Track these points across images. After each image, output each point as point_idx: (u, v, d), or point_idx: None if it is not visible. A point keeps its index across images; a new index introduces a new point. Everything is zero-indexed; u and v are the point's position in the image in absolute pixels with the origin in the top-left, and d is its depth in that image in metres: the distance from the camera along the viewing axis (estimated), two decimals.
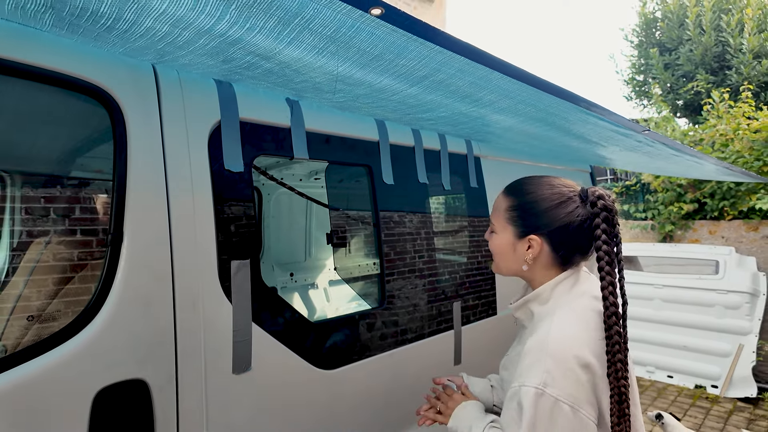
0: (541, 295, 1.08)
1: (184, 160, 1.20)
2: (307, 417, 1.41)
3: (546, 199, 1.06)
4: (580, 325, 0.98)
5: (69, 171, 1.28)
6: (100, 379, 1.03)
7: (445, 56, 0.93)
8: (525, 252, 1.08)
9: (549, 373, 0.93)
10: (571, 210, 1.03)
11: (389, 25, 0.79)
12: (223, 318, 1.23)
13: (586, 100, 1.23)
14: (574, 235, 1.03)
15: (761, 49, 7.48)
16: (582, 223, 1.02)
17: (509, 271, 1.15)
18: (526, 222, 1.08)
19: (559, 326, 0.97)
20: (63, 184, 1.26)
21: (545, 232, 1.05)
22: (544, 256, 1.07)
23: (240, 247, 1.28)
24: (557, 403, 0.91)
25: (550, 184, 1.09)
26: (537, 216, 1.06)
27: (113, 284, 1.07)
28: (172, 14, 0.77)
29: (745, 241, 5.07)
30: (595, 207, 1.00)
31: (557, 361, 0.93)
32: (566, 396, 0.92)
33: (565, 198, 1.05)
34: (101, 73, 1.06)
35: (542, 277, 1.10)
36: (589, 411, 0.93)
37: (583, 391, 0.93)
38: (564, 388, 0.92)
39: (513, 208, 1.11)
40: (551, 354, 0.94)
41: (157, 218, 1.14)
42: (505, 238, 1.12)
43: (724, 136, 5.63)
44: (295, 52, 0.92)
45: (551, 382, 0.92)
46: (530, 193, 1.09)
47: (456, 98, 1.22)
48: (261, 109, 1.36)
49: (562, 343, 0.94)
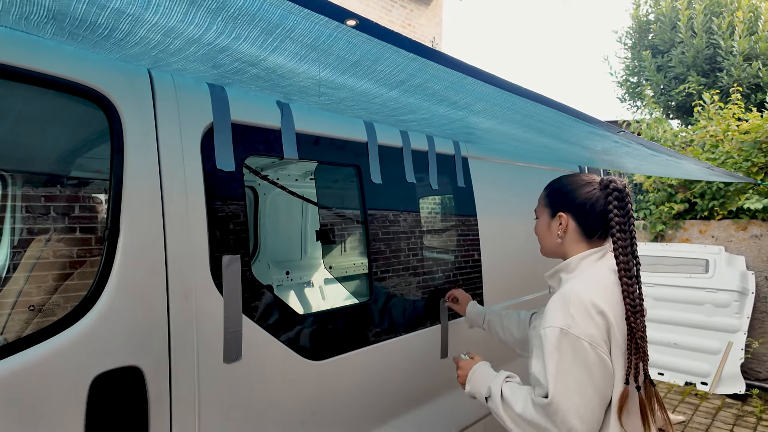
0: (570, 265, 1.34)
1: (177, 160, 1.26)
2: (296, 404, 1.48)
3: (570, 184, 1.37)
4: (597, 284, 1.22)
5: (68, 170, 1.34)
6: (97, 365, 1.09)
7: (419, 63, 1.00)
8: (557, 227, 1.37)
9: (571, 316, 1.16)
10: (589, 191, 1.32)
11: (364, 35, 0.86)
12: (215, 310, 1.29)
13: (558, 103, 1.30)
14: (593, 211, 1.31)
15: (751, 51, 7.57)
16: (597, 201, 1.30)
17: (550, 248, 1.42)
18: (556, 203, 1.38)
19: (580, 283, 1.23)
20: (63, 183, 1.32)
21: (570, 208, 1.34)
22: (572, 231, 1.35)
23: (231, 242, 1.35)
24: (578, 340, 1.13)
25: (575, 175, 1.41)
26: (563, 197, 1.36)
27: (110, 277, 1.14)
28: (163, 25, 0.83)
29: (734, 240, 5.15)
30: (608, 188, 1.30)
31: (577, 307, 1.16)
32: (586, 335, 1.14)
33: (585, 182, 1.36)
34: (99, 77, 1.13)
35: (572, 251, 1.36)
36: (604, 349, 1.15)
37: (599, 333, 1.15)
38: (584, 329, 1.14)
39: (547, 195, 1.44)
40: (573, 302, 1.17)
41: (151, 215, 1.20)
42: (543, 220, 1.44)
43: (714, 137, 5.70)
44: (279, 58, 0.99)
45: (573, 323, 1.15)
46: (559, 183, 1.42)
47: (434, 101, 1.29)
48: (252, 111, 1.42)
49: (582, 294, 1.18)
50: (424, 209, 2.12)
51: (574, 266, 1.32)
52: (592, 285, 1.22)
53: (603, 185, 1.31)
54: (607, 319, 1.16)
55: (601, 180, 1.33)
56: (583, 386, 1.13)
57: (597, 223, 1.31)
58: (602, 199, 1.29)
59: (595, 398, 1.14)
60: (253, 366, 1.37)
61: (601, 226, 1.31)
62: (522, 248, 2.59)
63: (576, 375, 1.13)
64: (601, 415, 1.16)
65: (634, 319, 1.16)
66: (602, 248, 1.33)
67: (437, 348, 2.01)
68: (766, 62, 7.56)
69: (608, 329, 1.16)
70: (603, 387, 1.15)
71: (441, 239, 2.24)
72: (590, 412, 1.13)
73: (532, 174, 2.74)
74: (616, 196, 1.27)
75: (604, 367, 1.14)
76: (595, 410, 1.14)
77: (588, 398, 1.13)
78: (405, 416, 1.88)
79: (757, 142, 5.12)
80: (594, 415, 1.14)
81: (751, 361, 4.87)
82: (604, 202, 1.29)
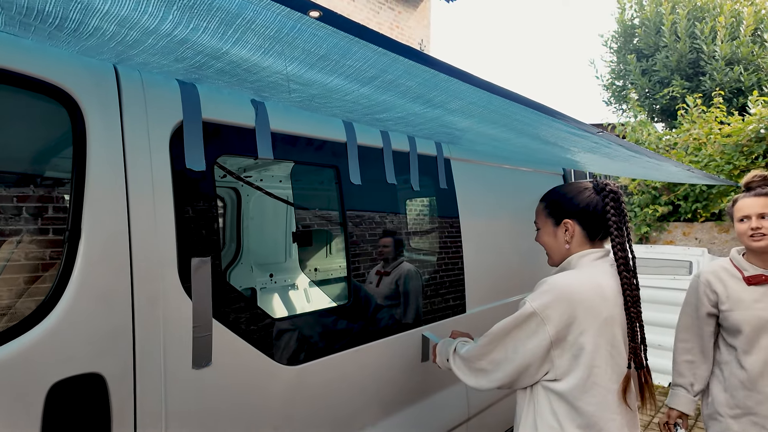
0: (571, 263, 1.42)
1: (144, 159, 1.22)
2: (269, 410, 1.44)
3: (569, 192, 1.45)
4: (585, 279, 1.32)
5: (28, 170, 1.29)
6: (55, 372, 1.05)
7: (389, 58, 0.97)
8: (564, 234, 1.44)
9: (540, 294, 1.29)
10: (588, 195, 1.41)
11: (329, 27, 0.83)
12: (183, 314, 1.25)
13: (533, 101, 1.29)
14: (594, 214, 1.39)
15: (733, 56, 7.70)
16: (597, 204, 1.39)
17: (559, 256, 1.47)
18: (559, 211, 1.45)
19: (567, 276, 1.34)
20: (22, 183, 1.27)
21: (574, 214, 1.41)
22: (578, 235, 1.42)
23: (201, 244, 1.30)
24: (534, 313, 1.27)
25: (570, 184, 1.48)
26: (565, 205, 1.44)
27: (70, 279, 1.09)
28: (115, 14, 0.80)
29: (717, 242, 5.21)
30: (603, 192, 1.39)
31: (550, 289, 1.29)
32: (541, 310, 1.26)
33: (582, 189, 1.44)
34: (60, 73, 1.09)
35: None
36: (551, 329, 1.26)
37: (557, 316, 1.26)
38: (541, 304, 1.27)
39: (548, 206, 1.49)
40: (548, 283, 1.31)
41: (116, 216, 1.16)
42: (547, 230, 1.49)
43: (697, 140, 5.78)
44: (242, 51, 0.96)
45: (537, 298, 1.29)
46: (557, 192, 1.49)
47: (408, 99, 1.26)
48: (225, 109, 1.39)
49: (558, 281, 1.31)
50: (405, 211, 2.10)
51: (574, 264, 1.41)
52: (579, 279, 1.32)
53: (598, 189, 1.41)
54: (575, 310, 1.26)
55: (595, 185, 1.43)
56: (511, 344, 1.31)
57: (599, 225, 1.40)
58: (600, 202, 1.39)
59: (516, 359, 1.30)
60: (224, 372, 1.32)
61: (603, 227, 1.41)
62: (505, 250, 2.57)
63: (513, 335, 1.31)
64: (515, 374, 1.32)
65: (634, 309, 1.29)
66: (603, 249, 1.44)
67: (418, 351, 1.98)
68: (748, 67, 7.69)
69: (572, 317, 1.26)
70: (530, 354, 1.29)
71: (422, 241, 2.21)
72: (508, 363, 1.32)
73: (515, 176, 2.73)
74: (612, 198, 1.38)
75: (540, 340, 1.27)
76: (514, 364, 1.31)
77: (510, 352, 1.31)
78: (385, 421, 1.85)
79: (739, 145, 5.19)
80: (509, 367, 1.32)
81: None
82: (602, 205, 1.38)
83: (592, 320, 1.26)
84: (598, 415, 1.25)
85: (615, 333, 1.30)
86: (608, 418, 1.25)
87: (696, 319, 1.92)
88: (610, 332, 1.29)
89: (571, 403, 1.26)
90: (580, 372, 1.25)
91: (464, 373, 1.48)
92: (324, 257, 3.80)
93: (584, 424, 1.25)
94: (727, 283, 1.84)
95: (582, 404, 1.25)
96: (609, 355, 1.27)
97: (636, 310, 1.30)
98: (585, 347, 1.25)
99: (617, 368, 1.29)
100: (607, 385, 1.26)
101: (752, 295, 1.77)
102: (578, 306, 1.26)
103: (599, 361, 1.26)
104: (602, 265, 1.38)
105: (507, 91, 1.19)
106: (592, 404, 1.25)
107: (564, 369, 1.27)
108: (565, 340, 1.26)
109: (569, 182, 1.50)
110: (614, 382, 1.28)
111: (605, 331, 1.27)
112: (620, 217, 1.37)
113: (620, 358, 1.30)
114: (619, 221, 1.37)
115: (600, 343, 1.26)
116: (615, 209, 1.37)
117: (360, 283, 1.80)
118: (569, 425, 1.25)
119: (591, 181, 1.46)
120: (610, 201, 1.37)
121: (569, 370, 1.26)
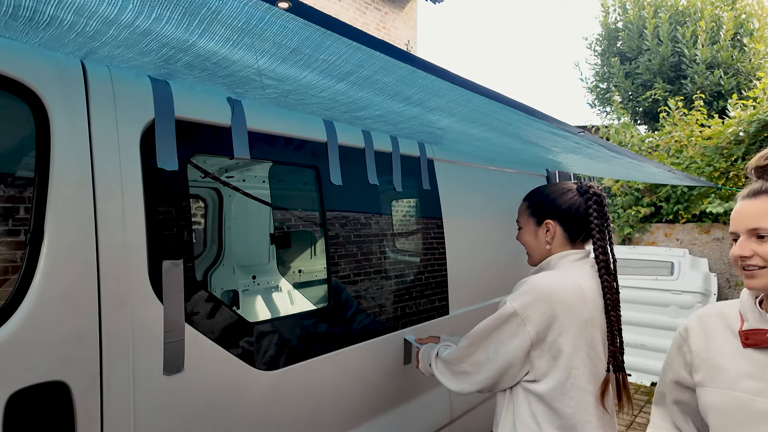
0: (550, 263, 1.41)
1: (113, 158, 1.18)
2: (245, 417, 1.39)
3: (552, 193, 1.44)
4: (564, 279, 1.31)
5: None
6: (15, 380, 0.99)
7: (364, 53, 0.95)
8: (545, 235, 1.43)
9: (520, 295, 1.28)
10: (571, 197, 1.40)
11: (300, 19, 0.80)
12: (154, 318, 1.20)
13: (512, 100, 1.27)
14: (576, 216, 1.39)
15: (713, 60, 7.84)
16: (580, 206, 1.39)
17: (539, 255, 1.46)
18: (542, 212, 1.44)
19: (547, 276, 1.34)
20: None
21: (556, 215, 1.41)
22: (559, 236, 1.41)
23: (173, 246, 1.26)
24: (514, 313, 1.26)
25: (554, 185, 1.47)
26: (548, 205, 1.43)
27: (32, 283, 1.04)
28: (71, 2, 0.76)
29: (698, 243, 5.28)
30: (587, 194, 1.39)
31: (530, 290, 1.27)
32: (522, 310, 1.25)
33: (565, 190, 1.43)
34: (22, 67, 1.03)
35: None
36: (531, 329, 1.25)
37: (537, 316, 1.24)
38: (521, 304, 1.26)
39: (531, 205, 1.48)
40: (528, 284, 1.30)
41: (81, 216, 1.11)
42: (529, 229, 1.48)
43: (678, 142, 5.86)
44: (209, 44, 0.92)
45: (517, 299, 1.27)
46: (540, 192, 1.48)
47: (386, 96, 1.24)
48: (200, 107, 1.34)
49: (538, 282, 1.30)
50: (388, 212, 2.07)
51: (554, 264, 1.40)
52: (559, 279, 1.31)
53: (582, 191, 1.41)
54: (555, 310, 1.25)
55: (579, 187, 1.43)
56: (492, 345, 1.30)
57: (580, 227, 1.40)
58: (583, 205, 1.39)
59: (498, 361, 1.29)
60: (197, 377, 1.28)
61: (584, 229, 1.41)
62: (488, 251, 2.56)
63: (494, 336, 1.30)
64: (497, 376, 1.30)
65: (614, 313, 1.29)
66: (583, 251, 1.43)
67: (400, 354, 1.95)
68: (727, 70, 7.84)
69: (552, 318, 1.25)
70: (512, 355, 1.28)
71: (405, 242, 2.19)
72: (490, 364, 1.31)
73: (499, 177, 2.72)
74: (595, 200, 1.38)
75: (521, 341, 1.26)
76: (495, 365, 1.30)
77: (492, 353, 1.31)
78: (367, 424, 1.81)
79: (719, 147, 5.28)
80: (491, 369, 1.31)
81: None
82: (585, 207, 1.38)
83: (571, 321, 1.25)
84: (577, 417, 1.24)
85: (593, 335, 1.29)
86: (586, 420, 1.25)
87: (663, 392, 1.23)
88: (589, 334, 1.28)
89: (550, 404, 1.25)
90: (558, 373, 1.25)
91: (446, 377, 1.46)
92: (306, 259, 3.76)
93: (562, 425, 1.24)
94: (712, 337, 1.08)
95: (561, 406, 1.24)
96: (587, 357, 1.27)
97: (616, 313, 1.30)
98: (564, 349, 1.24)
99: (595, 370, 1.28)
100: (585, 387, 1.26)
101: (743, 365, 1.00)
102: (558, 307, 1.25)
103: (578, 362, 1.25)
104: (582, 266, 1.38)
105: (487, 89, 1.17)
106: (571, 406, 1.24)
107: (543, 370, 1.26)
108: (544, 341, 1.25)
109: (553, 183, 1.52)
110: (592, 384, 1.27)
111: (584, 333, 1.27)
112: (602, 220, 1.37)
113: (598, 360, 1.29)
114: (601, 224, 1.36)
115: (579, 344, 1.25)
116: (598, 212, 1.37)
117: (342, 285, 1.76)
118: (548, 426, 1.25)
119: (575, 183, 1.46)
120: (594, 204, 1.37)
121: (548, 371, 1.25)
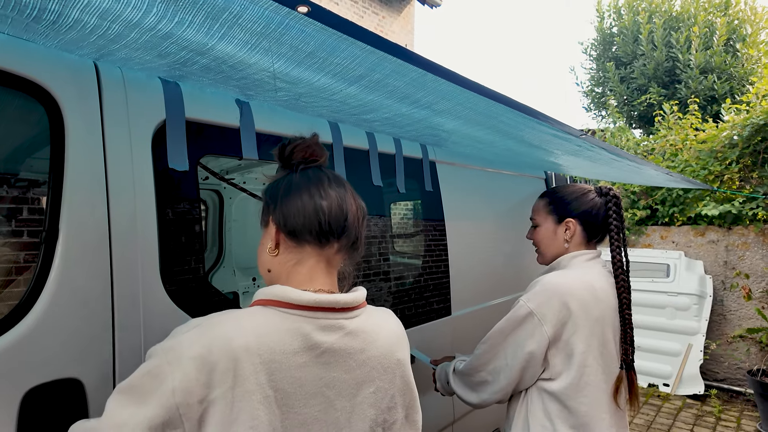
0: (561, 262, 1.43)
1: (125, 158, 1.19)
2: None
3: (573, 192, 1.46)
4: (578, 279, 1.33)
5: (2, 168, 1.24)
6: (30, 378, 1.01)
7: (377, 56, 0.97)
8: (564, 233, 1.44)
9: (535, 295, 1.30)
10: (592, 198, 1.43)
11: (318, 23, 0.82)
12: (165, 317, 1.22)
13: (518, 102, 1.30)
14: (596, 217, 1.41)
15: (707, 65, 7.93)
16: (600, 207, 1.41)
17: (553, 254, 1.47)
18: (563, 210, 1.45)
19: (561, 275, 1.35)
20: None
21: (577, 215, 1.43)
22: (578, 235, 1.43)
23: (184, 245, 1.28)
24: (531, 314, 1.28)
25: (573, 185, 1.50)
26: (570, 204, 1.45)
27: (47, 282, 1.05)
28: (97, 6, 0.77)
29: (693, 245, 5.33)
30: (607, 196, 1.43)
31: (544, 290, 1.30)
32: (538, 310, 1.27)
33: (586, 190, 1.45)
34: (38, 68, 1.05)
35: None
36: (549, 329, 1.26)
37: (552, 315, 1.26)
38: (538, 304, 1.28)
39: (550, 203, 1.50)
40: (543, 284, 1.31)
41: (95, 217, 1.13)
42: (547, 227, 1.48)
43: (673, 146, 5.92)
44: (228, 47, 0.94)
45: (533, 299, 1.29)
46: (560, 191, 1.49)
47: (395, 99, 1.26)
48: (210, 108, 1.36)
49: (552, 281, 1.32)
50: (390, 214, 2.09)
51: (565, 263, 1.42)
52: (572, 279, 1.32)
53: (602, 193, 1.44)
54: (570, 309, 1.26)
55: (598, 188, 1.46)
56: (510, 348, 1.30)
57: (599, 228, 1.43)
58: (603, 206, 1.42)
59: (516, 364, 1.29)
60: None
61: (602, 230, 1.43)
62: (490, 253, 2.59)
63: (511, 338, 1.30)
64: (517, 378, 1.30)
65: (628, 311, 1.32)
66: (595, 251, 1.45)
67: None
68: (721, 75, 7.93)
69: (566, 316, 1.27)
70: (530, 356, 1.28)
71: (408, 243, 2.21)
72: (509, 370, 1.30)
73: (499, 180, 2.75)
74: (614, 202, 1.41)
75: (538, 341, 1.27)
76: (514, 370, 1.29)
77: (510, 358, 1.30)
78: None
79: (713, 151, 5.34)
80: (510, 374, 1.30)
81: (709, 363, 5.03)
82: (605, 209, 1.41)
83: (584, 320, 1.27)
84: (591, 415, 1.26)
85: (606, 333, 1.31)
86: (599, 417, 1.27)
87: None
88: (601, 332, 1.30)
89: (564, 402, 1.26)
90: (573, 371, 1.26)
91: (465, 391, 1.43)
92: None
93: (576, 423, 1.26)
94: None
95: (575, 404, 1.25)
96: (600, 355, 1.28)
97: (629, 312, 1.33)
98: (577, 347, 1.26)
99: (607, 368, 1.30)
100: (598, 384, 1.27)
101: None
102: (572, 305, 1.27)
103: (591, 360, 1.27)
104: (594, 266, 1.39)
105: (494, 92, 1.20)
106: (585, 404, 1.25)
107: (558, 369, 1.27)
108: (560, 340, 1.27)
109: (571, 183, 1.54)
110: (604, 381, 1.29)
111: (596, 332, 1.28)
112: (620, 222, 1.40)
113: (609, 358, 1.31)
114: (619, 226, 1.39)
115: (592, 343, 1.27)
116: (616, 213, 1.40)
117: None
118: (561, 424, 1.25)
119: (593, 185, 1.48)
120: (613, 206, 1.40)
121: (563, 369, 1.27)
